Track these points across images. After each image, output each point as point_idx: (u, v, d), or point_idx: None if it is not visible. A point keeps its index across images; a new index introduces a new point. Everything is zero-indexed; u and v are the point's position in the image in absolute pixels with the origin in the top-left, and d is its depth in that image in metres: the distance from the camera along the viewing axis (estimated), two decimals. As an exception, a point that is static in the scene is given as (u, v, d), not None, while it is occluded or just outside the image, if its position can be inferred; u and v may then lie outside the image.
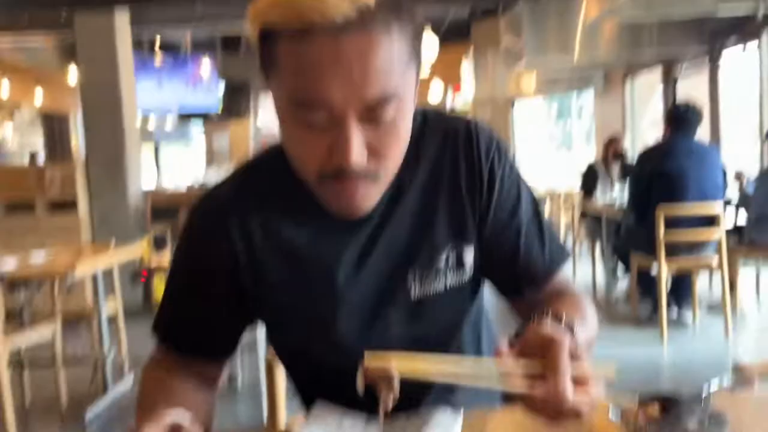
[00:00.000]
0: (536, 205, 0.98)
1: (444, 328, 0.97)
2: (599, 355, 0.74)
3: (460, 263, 0.93)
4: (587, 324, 0.87)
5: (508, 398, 0.75)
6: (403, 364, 0.67)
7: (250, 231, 0.91)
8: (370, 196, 0.82)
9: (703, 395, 0.86)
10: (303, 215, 0.90)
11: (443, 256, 0.92)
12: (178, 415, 0.73)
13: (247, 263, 0.91)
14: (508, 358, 0.69)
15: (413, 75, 0.80)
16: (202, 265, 0.93)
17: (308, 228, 0.90)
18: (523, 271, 0.96)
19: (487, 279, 1.00)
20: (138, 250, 3.91)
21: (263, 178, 0.93)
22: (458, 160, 0.93)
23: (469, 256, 0.94)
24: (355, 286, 0.91)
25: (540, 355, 0.68)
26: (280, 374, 1.24)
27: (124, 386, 3.49)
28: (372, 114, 0.75)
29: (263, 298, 0.93)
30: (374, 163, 0.79)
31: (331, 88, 0.72)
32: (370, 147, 0.77)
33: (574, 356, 0.68)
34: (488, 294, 1.05)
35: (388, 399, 0.68)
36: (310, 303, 0.92)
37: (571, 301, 0.92)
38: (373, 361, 0.66)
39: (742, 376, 1.12)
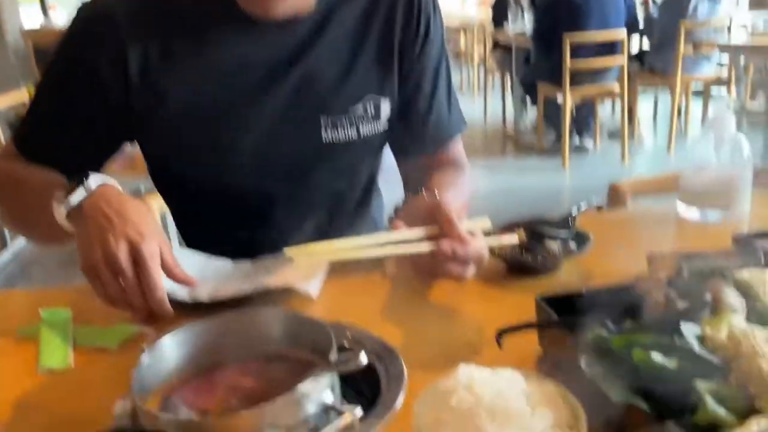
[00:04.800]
0: (449, 69, 0.99)
1: (355, 177, 0.99)
2: (507, 183, 0.77)
3: (377, 114, 0.92)
4: (460, 192, 0.92)
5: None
6: (322, 251, 0.72)
7: (148, 41, 0.83)
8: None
9: (570, 217, 0.87)
10: (214, 21, 0.85)
11: (360, 105, 0.90)
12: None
13: (140, 77, 0.84)
14: (404, 228, 0.72)
15: None
16: (83, 71, 0.84)
17: (218, 35, 0.85)
18: (425, 132, 0.98)
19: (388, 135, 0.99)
20: (19, 96, 3.59)
21: None
22: (396, 6, 0.91)
23: (386, 108, 0.93)
24: (261, 106, 0.87)
25: (427, 221, 0.72)
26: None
27: (23, 239, 3.37)
28: None
29: (155, 116, 0.86)
30: None
31: None
32: None
33: (457, 217, 0.72)
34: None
35: None
36: (212, 119, 0.87)
37: (451, 174, 0.96)
38: (294, 252, 0.71)
39: (615, 195, 1.15)
